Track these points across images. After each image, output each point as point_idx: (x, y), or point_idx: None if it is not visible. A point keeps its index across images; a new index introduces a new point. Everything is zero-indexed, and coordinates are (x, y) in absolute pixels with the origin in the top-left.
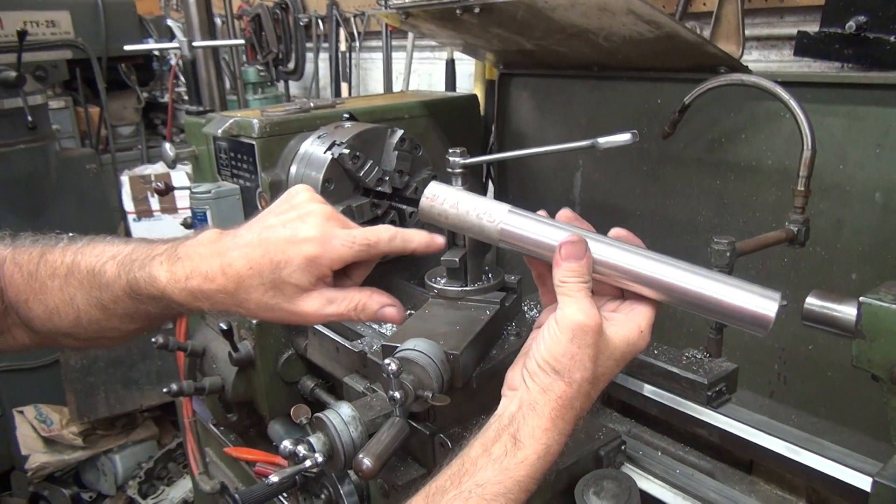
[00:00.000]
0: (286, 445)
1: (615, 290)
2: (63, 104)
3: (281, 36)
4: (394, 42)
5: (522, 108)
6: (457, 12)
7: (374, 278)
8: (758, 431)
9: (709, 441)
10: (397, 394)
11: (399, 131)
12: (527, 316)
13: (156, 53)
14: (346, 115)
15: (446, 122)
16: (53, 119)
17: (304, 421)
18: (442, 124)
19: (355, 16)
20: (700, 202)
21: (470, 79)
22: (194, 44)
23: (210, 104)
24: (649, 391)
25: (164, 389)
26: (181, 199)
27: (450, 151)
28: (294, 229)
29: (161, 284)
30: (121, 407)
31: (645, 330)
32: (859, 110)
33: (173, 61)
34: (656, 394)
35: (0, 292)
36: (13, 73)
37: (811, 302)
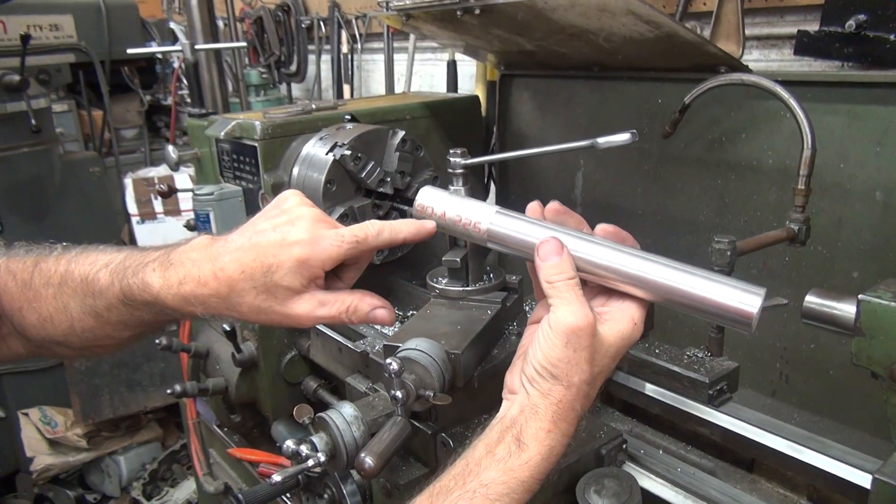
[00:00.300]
0: (289, 445)
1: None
2: (66, 107)
3: (283, 38)
4: (395, 44)
5: (523, 109)
6: (457, 13)
7: (376, 279)
8: (759, 430)
9: (710, 440)
10: (399, 393)
11: (400, 132)
12: (528, 316)
13: (158, 56)
14: (348, 117)
15: (448, 123)
16: (57, 122)
17: (307, 421)
18: (443, 125)
19: (357, 18)
20: (701, 201)
21: (471, 80)
22: (196, 46)
23: (213, 107)
24: (651, 390)
25: (168, 391)
26: (184, 202)
27: (450, 152)
28: (284, 233)
29: (154, 290)
30: (125, 409)
31: (639, 322)
32: (859, 109)
33: (176, 64)
34: (658, 393)
35: None
36: (17, 77)
37: (811, 300)
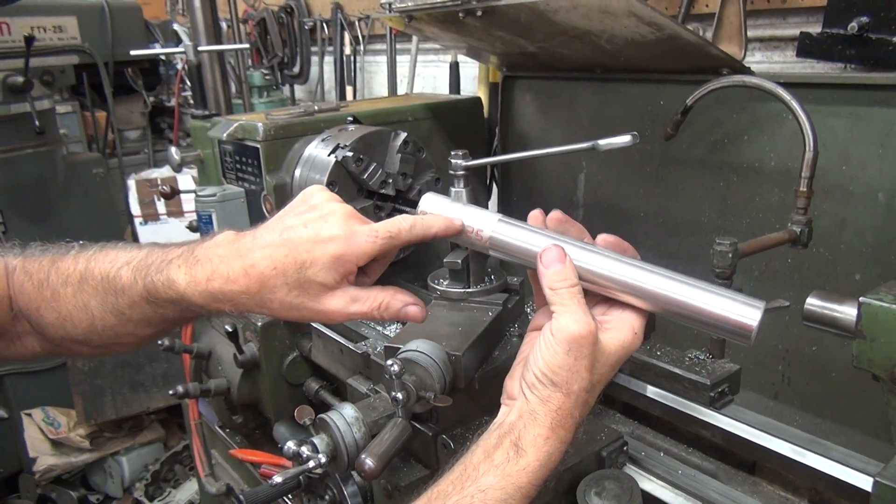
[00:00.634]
0: (290, 446)
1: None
2: (70, 109)
3: (286, 40)
4: (398, 45)
5: (526, 111)
6: (459, 15)
7: (379, 279)
8: (760, 432)
9: (711, 442)
10: (400, 395)
11: (402, 134)
12: (529, 317)
13: (162, 58)
14: (350, 119)
15: (450, 125)
16: (60, 123)
17: (308, 422)
18: (445, 127)
19: (359, 19)
20: (703, 203)
21: (474, 81)
22: (200, 48)
23: (216, 108)
24: (652, 392)
25: (171, 391)
26: (187, 203)
27: (452, 154)
28: (317, 229)
29: (180, 288)
30: (127, 409)
31: (639, 331)
32: (861, 111)
33: (179, 65)
34: (659, 395)
35: (10, 300)
36: (21, 79)
37: (812, 302)
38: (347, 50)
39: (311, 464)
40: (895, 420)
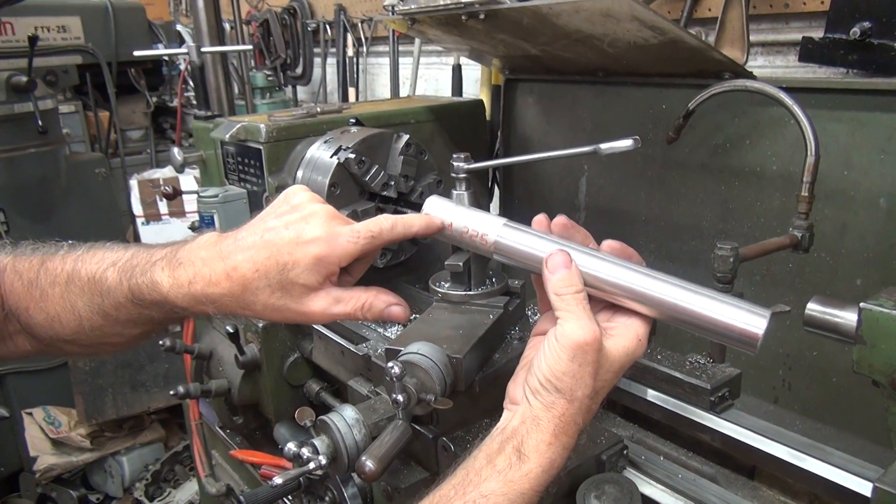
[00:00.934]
0: (290, 447)
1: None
2: (73, 108)
3: (289, 41)
4: (401, 47)
5: (528, 113)
6: (462, 18)
7: (380, 282)
8: (760, 437)
9: (711, 446)
10: (400, 397)
11: (405, 136)
12: (530, 320)
13: (165, 58)
14: (353, 120)
15: (452, 127)
16: (63, 123)
17: (309, 423)
18: (448, 129)
19: (363, 21)
20: (705, 207)
21: (476, 84)
22: (203, 49)
23: (218, 109)
24: (652, 396)
25: (171, 392)
26: (189, 203)
27: (453, 157)
28: (299, 230)
29: (163, 290)
30: (128, 409)
31: (643, 338)
32: (863, 116)
33: (182, 66)
34: (659, 399)
35: (1, 300)
36: (24, 78)
37: (812, 308)
38: (350, 52)
39: (312, 465)
40: (895, 426)
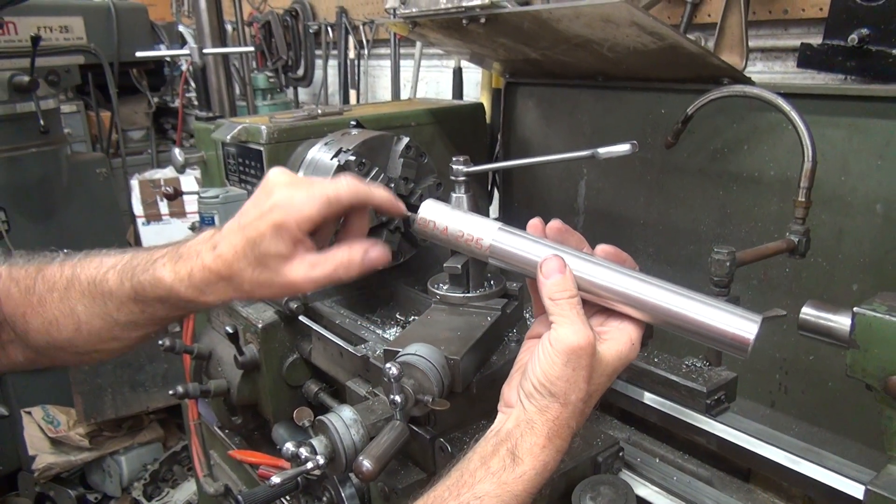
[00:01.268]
0: (289, 447)
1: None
2: (74, 108)
3: (290, 43)
4: (402, 50)
5: (528, 117)
6: (463, 22)
7: (379, 284)
8: (755, 440)
9: (707, 449)
10: (398, 397)
11: (405, 139)
12: (528, 323)
13: (167, 59)
14: (353, 123)
15: (452, 130)
16: (65, 123)
17: (307, 424)
18: (448, 132)
19: (364, 24)
20: (703, 211)
21: (477, 87)
22: (205, 51)
23: (220, 110)
24: (649, 399)
25: (171, 392)
26: (190, 204)
27: (453, 160)
28: (262, 205)
29: (167, 284)
30: (127, 409)
31: (636, 342)
32: (861, 122)
33: (184, 67)
34: (656, 401)
35: None
36: (27, 78)
37: (807, 312)
38: (351, 54)
39: (310, 465)
40: (888, 429)
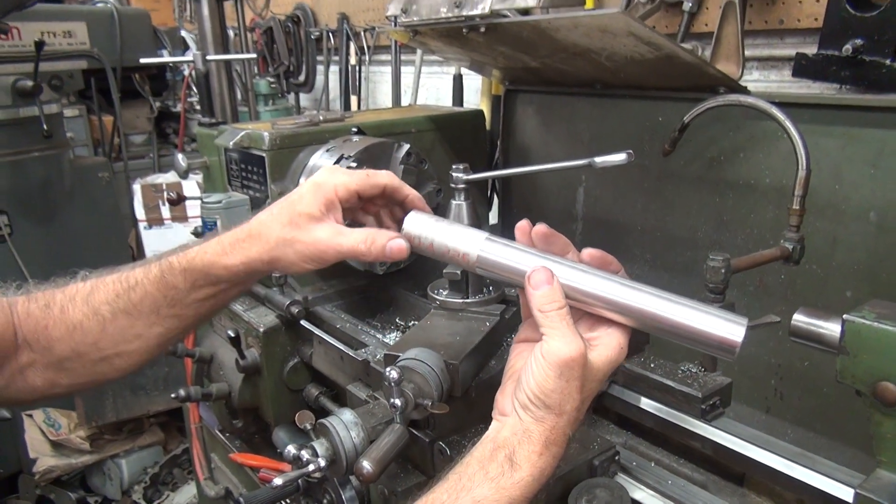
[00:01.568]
0: (290, 450)
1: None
2: (77, 112)
3: (292, 49)
4: (403, 57)
5: (527, 124)
6: (463, 31)
7: (380, 289)
8: (749, 444)
9: (702, 453)
10: (398, 401)
11: (405, 145)
12: None
13: (170, 65)
14: (355, 129)
15: (452, 137)
16: (67, 127)
17: (308, 426)
18: (448, 138)
19: (365, 30)
20: (699, 218)
21: (477, 93)
22: (208, 57)
23: (222, 115)
24: (645, 404)
25: (173, 395)
26: (192, 208)
27: (453, 167)
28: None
29: (192, 254)
30: (128, 412)
31: (624, 346)
32: (855, 131)
33: (186, 72)
34: (652, 406)
35: (14, 329)
36: (30, 83)
37: (798, 318)
38: (353, 60)
39: (311, 467)
40: (877, 434)
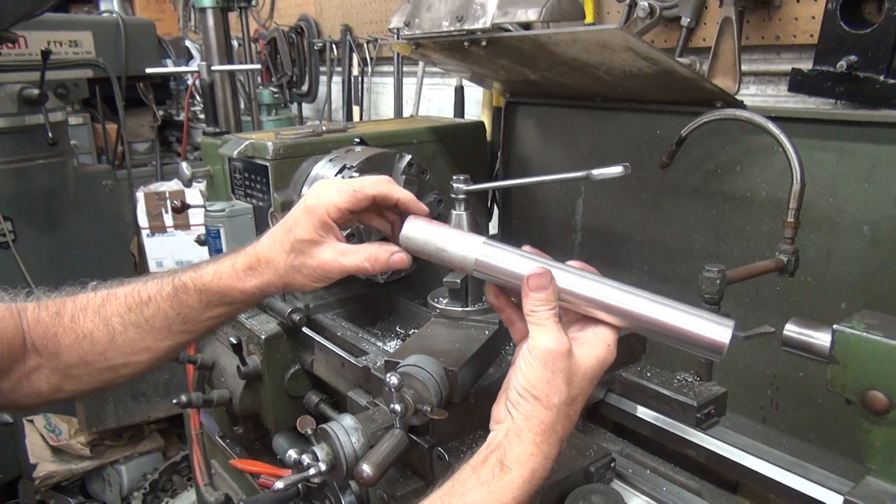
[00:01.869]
0: (291, 454)
1: (581, 312)
2: (81, 120)
3: (295, 59)
4: (405, 68)
5: (527, 136)
6: (465, 44)
7: (381, 297)
8: (742, 452)
9: (697, 461)
10: (398, 406)
11: (407, 156)
12: None
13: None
14: (357, 140)
15: (453, 148)
16: (71, 135)
17: (310, 432)
18: (449, 149)
19: (368, 42)
20: (696, 230)
21: (478, 105)
22: (213, 68)
23: (226, 125)
24: (641, 412)
25: (175, 400)
26: (194, 216)
27: (454, 178)
28: (299, 203)
29: (208, 274)
30: (129, 418)
31: (612, 345)
32: (849, 146)
33: (190, 81)
34: (648, 415)
35: (23, 335)
36: (36, 91)
37: (790, 329)
38: (355, 71)
39: (312, 471)
40: (865, 442)
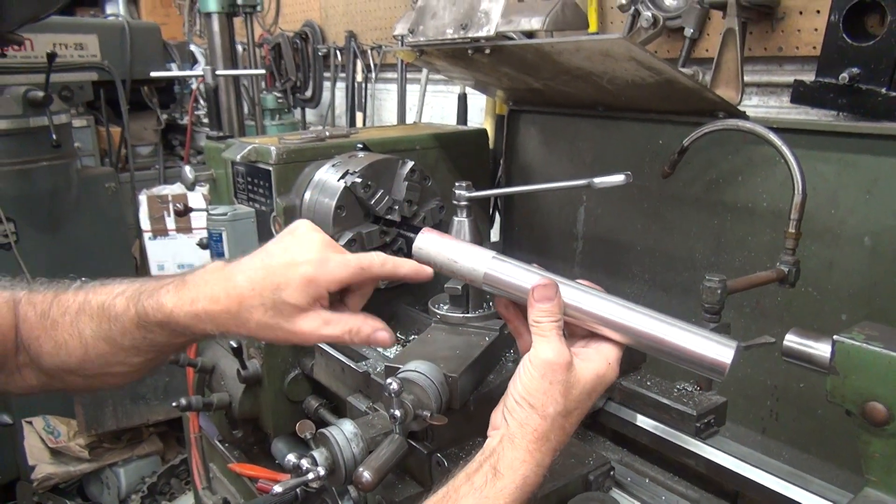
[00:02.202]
0: (290, 458)
1: (586, 329)
2: (85, 123)
3: (299, 65)
4: (408, 75)
5: (530, 144)
6: (469, 52)
7: (382, 303)
8: (741, 463)
9: (696, 471)
10: (398, 412)
11: (410, 163)
12: None
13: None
14: (360, 146)
15: (456, 155)
16: (75, 137)
17: (309, 436)
18: (452, 156)
19: (372, 48)
20: (698, 240)
21: (481, 112)
22: (218, 72)
23: (229, 129)
24: (641, 421)
25: (174, 403)
26: (196, 220)
27: (456, 185)
28: (294, 253)
29: (167, 309)
30: (128, 421)
31: (613, 363)
32: (850, 158)
33: (194, 85)
34: (647, 424)
35: (15, 330)
36: (41, 93)
37: (790, 339)
38: (359, 77)
39: (311, 476)
40: (865, 453)
